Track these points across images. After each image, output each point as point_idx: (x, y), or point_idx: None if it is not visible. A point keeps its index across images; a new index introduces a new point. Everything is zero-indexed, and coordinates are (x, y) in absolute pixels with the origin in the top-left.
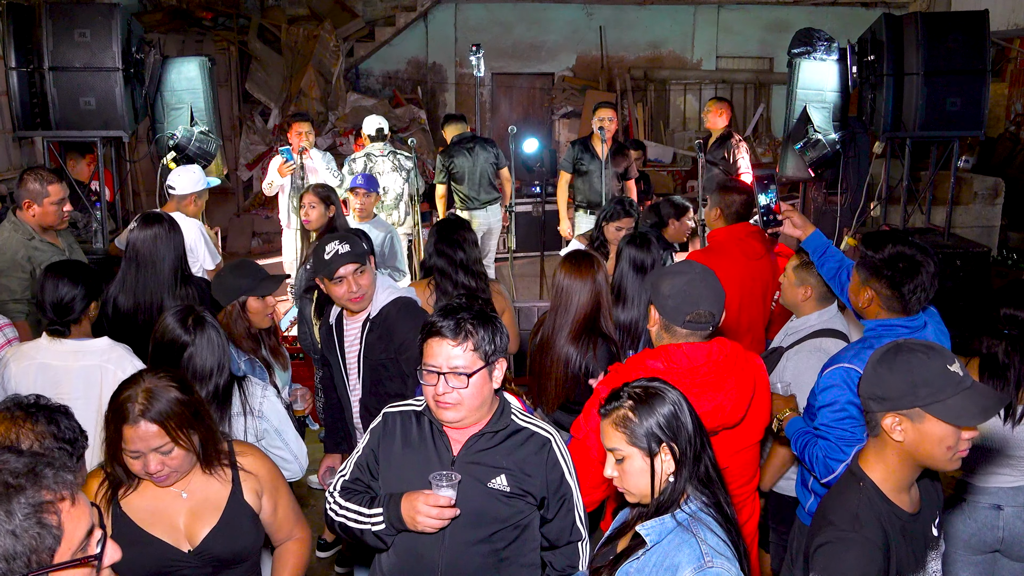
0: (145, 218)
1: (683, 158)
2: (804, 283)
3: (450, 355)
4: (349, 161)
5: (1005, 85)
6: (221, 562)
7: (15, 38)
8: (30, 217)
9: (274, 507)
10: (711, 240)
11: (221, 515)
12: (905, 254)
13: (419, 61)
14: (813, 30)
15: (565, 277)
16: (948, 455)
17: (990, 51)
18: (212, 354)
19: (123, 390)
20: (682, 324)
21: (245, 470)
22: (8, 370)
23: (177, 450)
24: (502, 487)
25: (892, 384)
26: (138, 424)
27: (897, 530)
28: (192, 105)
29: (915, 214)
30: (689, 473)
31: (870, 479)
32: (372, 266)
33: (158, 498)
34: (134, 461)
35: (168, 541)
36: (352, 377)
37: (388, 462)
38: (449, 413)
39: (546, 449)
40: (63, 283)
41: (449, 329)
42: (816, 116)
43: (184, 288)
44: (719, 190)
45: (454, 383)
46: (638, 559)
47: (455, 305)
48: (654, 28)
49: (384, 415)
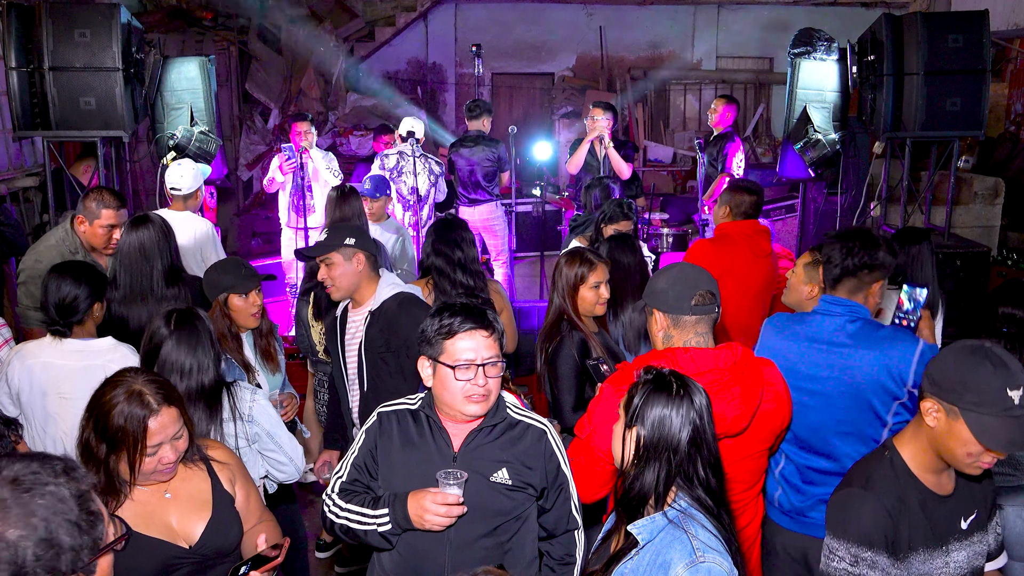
0: (134, 221)
1: (683, 158)
2: (812, 281)
3: (487, 346)
4: (381, 157)
5: (1005, 85)
6: (219, 553)
7: (15, 38)
8: (80, 233)
9: (246, 495)
10: (719, 231)
11: (212, 509)
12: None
13: (419, 61)
14: (813, 30)
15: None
16: (968, 460)
17: (990, 51)
18: (190, 352)
19: (113, 391)
20: (689, 311)
21: (217, 461)
22: (11, 369)
23: (185, 434)
24: (504, 480)
25: (948, 375)
26: (161, 411)
27: (916, 503)
28: (192, 105)
29: (915, 214)
30: (665, 473)
31: (899, 452)
32: (352, 261)
33: (144, 503)
34: (150, 459)
35: (167, 540)
36: (351, 371)
37: (388, 461)
38: (479, 406)
39: (543, 441)
40: (67, 283)
41: (483, 321)
42: (816, 116)
43: (176, 288)
44: (730, 189)
45: (491, 373)
46: (631, 559)
47: (465, 302)
48: (654, 28)
49: (379, 415)
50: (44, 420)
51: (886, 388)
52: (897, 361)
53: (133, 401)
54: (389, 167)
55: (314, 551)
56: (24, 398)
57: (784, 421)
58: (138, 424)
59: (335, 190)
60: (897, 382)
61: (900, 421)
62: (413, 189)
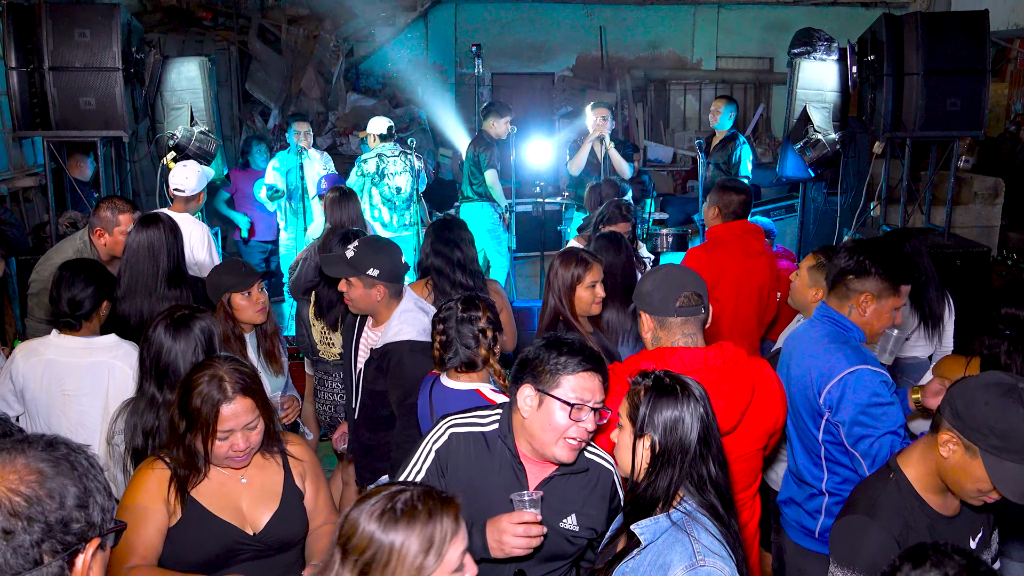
0: (143, 219)
1: (683, 158)
2: (817, 284)
3: (601, 391)
4: (360, 163)
5: (1005, 85)
6: (282, 544)
7: (15, 38)
8: (100, 245)
9: (316, 492)
10: (710, 236)
11: (280, 500)
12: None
13: (419, 61)
14: (813, 30)
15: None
16: (976, 494)
17: (990, 51)
18: (184, 355)
19: (200, 374)
20: (674, 312)
21: (293, 456)
22: (15, 365)
23: (260, 425)
24: (571, 527)
25: (976, 413)
26: (235, 400)
27: (924, 527)
28: (192, 105)
29: (915, 214)
30: (678, 476)
31: (903, 474)
32: (373, 291)
33: (222, 484)
34: (222, 443)
35: (236, 524)
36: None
37: (459, 484)
38: (572, 454)
39: (611, 482)
40: (78, 279)
41: (603, 367)
42: (816, 116)
43: (180, 289)
44: (718, 189)
45: (596, 420)
46: (633, 558)
47: (584, 343)
48: (654, 28)
49: (450, 435)
50: (48, 416)
51: (811, 404)
52: (816, 380)
53: (213, 385)
54: (370, 172)
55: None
56: (28, 395)
57: (778, 422)
58: (212, 408)
59: (334, 191)
60: (814, 401)
61: (830, 440)
62: (397, 189)
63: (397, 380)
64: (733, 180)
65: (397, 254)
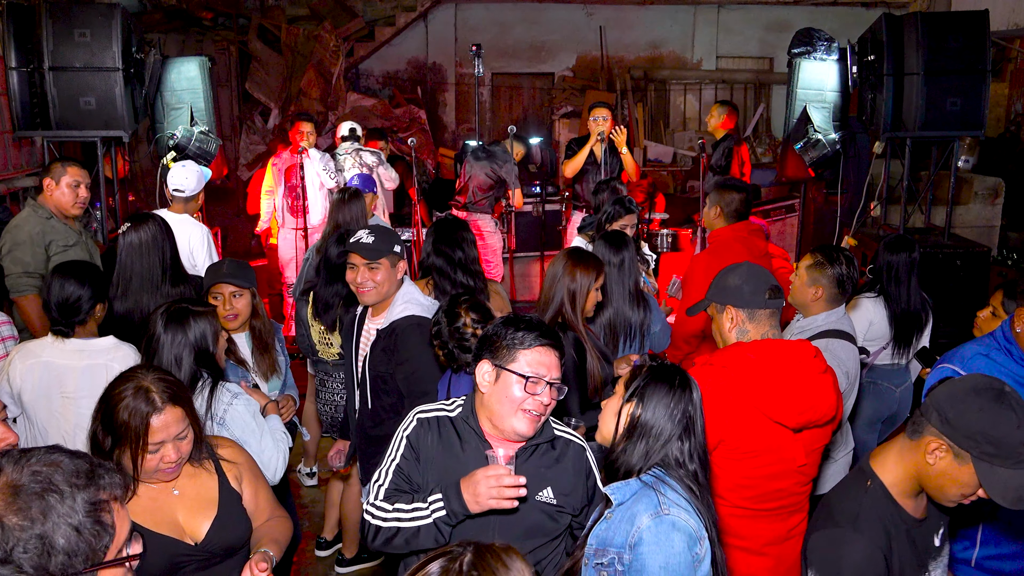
0: (135, 219)
1: (683, 158)
2: (816, 283)
3: (557, 367)
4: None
5: (1005, 85)
6: (227, 550)
7: (15, 38)
8: (49, 198)
9: (254, 492)
10: (713, 240)
11: (218, 507)
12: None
13: (419, 61)
14: (813, 30)
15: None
16: (958, 498)
17: (990, 51)
18: (171, 347)
19: (122, 386)
20: (764, 304)
21: (226, 460)
22: (12, 369)
23: (190, 434)
24: (549, 500)
25: (970, 420)
26: (164, 410)
27: (902, 533)
28: (192, 105)
29: (915, 214)
30: (650, 452)
31: (879, 480)
32: (395, 268)
33: (153, 499)
34: (152, 456)
35: (175, 537)
36: (360, 375)
37: (431, 466)
38: (530, 426)
39: (583, 458)
40: (70, 283)
41: (559, 344)
42: (816, 116)
43: (177, 288)
44: (718, 189)
45: (553, 395)
46: (606, 520)
47: (540, 320)
48: (654, 28)
49: (417, 420)
50: (47, 420)
51: None
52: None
53: (139, 397)
54: (342, 170)
55: (314, 550)
56: (26, 398)
57: (839, 416)
58: (141, 420)
59: (339, 192)
60: None
61: None
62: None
63: (404, 354)
64: (733, 178)
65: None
